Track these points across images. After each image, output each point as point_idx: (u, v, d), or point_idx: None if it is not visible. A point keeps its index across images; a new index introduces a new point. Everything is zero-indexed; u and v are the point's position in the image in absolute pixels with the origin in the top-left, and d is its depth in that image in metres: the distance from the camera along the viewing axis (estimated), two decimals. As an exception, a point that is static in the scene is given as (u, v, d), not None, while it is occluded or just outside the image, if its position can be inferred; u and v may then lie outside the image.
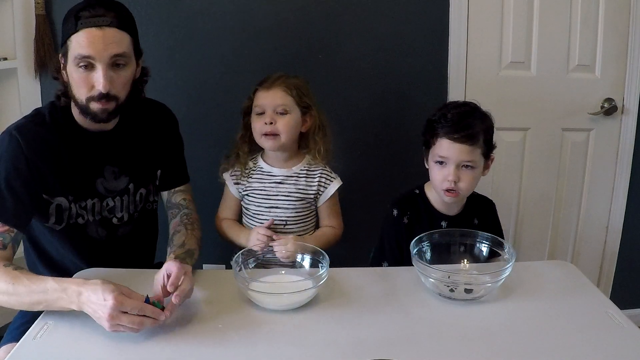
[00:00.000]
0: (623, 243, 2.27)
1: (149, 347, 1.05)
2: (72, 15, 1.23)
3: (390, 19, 2.00)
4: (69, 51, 1.24)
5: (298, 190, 1.58)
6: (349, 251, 1.65)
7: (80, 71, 1.23)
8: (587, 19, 2.02)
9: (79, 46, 1.21)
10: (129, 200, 1.42)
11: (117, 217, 1.41)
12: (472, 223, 1.53)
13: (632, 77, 2.07)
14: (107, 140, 1.36)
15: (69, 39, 1.23)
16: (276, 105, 1.50)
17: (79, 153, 1.33)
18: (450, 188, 1.42)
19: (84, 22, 1.21)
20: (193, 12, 1.96)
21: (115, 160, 1.38)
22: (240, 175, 1.60)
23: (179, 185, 1.55)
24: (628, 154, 2.16)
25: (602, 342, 1.07)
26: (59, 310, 1.12)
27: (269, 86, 1.52)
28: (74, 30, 1.22)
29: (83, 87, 1.25)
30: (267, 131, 1.51)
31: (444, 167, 1.42)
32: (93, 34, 1.21)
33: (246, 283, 1.20)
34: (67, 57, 1.25)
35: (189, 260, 1.30)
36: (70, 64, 1.25)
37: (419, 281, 1.27)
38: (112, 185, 1.38)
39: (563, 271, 1.38)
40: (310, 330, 1.12)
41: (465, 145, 1.39)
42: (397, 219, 1.52)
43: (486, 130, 1.43)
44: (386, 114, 2.09)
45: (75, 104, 1.29)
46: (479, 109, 1.46)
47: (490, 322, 1.14)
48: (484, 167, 1.47)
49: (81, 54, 1.22)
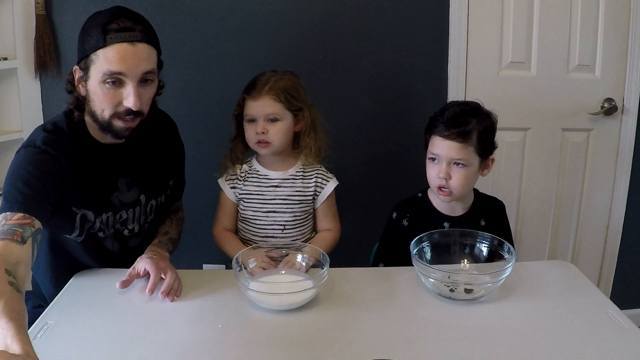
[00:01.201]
0: (623, 243, 2.27)
1: (149, 347, 1.05)
2: (97, 27, 1.17)
3: (390, 19, 2.00)
4: (92, 65, 1.19)
5: (296, 192, 1.57)
6: (349, 251, 1.65)
7: (106, 87, 1.19)
8: (587, 19, 2.02)
9: (108, 62, 1.16)
10: (140, 211, 1.41)
11: (129, 229, 1.40)
12: (478, 224, 1.51)
13: (632, 77, 2.07)
14: (120, 153, 1.34)
15: (95, 53, 1.17)
16: (266, 115, 1.49)
17: (96, 166, 1.30)
18: (442, 185, 1.42)
19: (114, 37, 1.16)
20: (193, 12, 1.96)
21: (127, 172, 1.36)
22: (235, 179, 1.60)
23: (182, 192, 1.56)
24: (628, 154, 2.16)
25: (602, 342, 1.07)
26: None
27: (257, 96, 1.48)
28: (102, 45, 1.16)
29: (108, 104, 1.21)
30: (259, 139, 1.50)
31: (436, 164, 1.43)
32: (125, 49, 1.16)
33: (246, 283, 1.20)
34: (89, 71, 1.20)
35: (170, 245, 1.42)
36: (94, 79, 1.20)
37: (419, 281, 1.27)
38: (125, 198, 1.36)
39: (563, 271, 1.38)
40: (310, 330, 1.12)
41: (456, 142, 1.39)
42: (395, 221, 1.52)
43: (484, 130, 1.41)
44: (386, 114, 2.09)
45: (95, 119, 1.25)
46: (480, 108, 1.45)
47: (490, 322, 1.14)
48: (483, 167, 1.46)
49: (111, 70, 1.17)
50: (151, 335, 1.08)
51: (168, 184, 1.49)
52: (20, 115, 1.96)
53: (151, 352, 1.04)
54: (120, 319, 1.15)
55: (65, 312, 1.15)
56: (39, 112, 1.99)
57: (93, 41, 1.17)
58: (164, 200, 1.48)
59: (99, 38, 1.16)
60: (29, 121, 1.95)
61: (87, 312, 1.16)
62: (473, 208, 1.52)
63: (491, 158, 1.47)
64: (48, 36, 1.91)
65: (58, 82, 1.98)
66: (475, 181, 1.48)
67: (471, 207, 1.52)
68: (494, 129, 1.46)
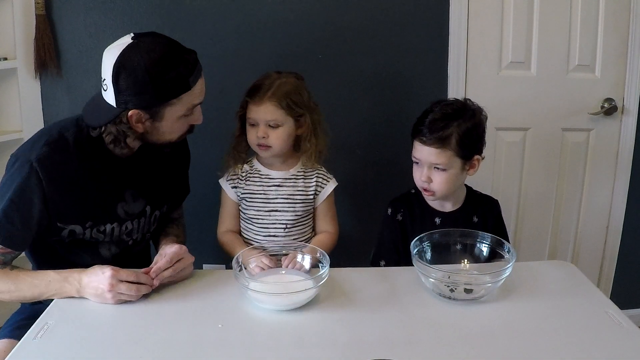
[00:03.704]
0: (623, 243, 2.27)
1: (148, 346, 1.05)
2: (179, 76, 1.22)
3: (390, 19, 2.00)
4: (176, 105, 1.24)
5: (297, 192, 1.58)
6: (349, 251, 1.65)
7: (184, 118, 1.29)
8: (587, 19, 2.02)
9: (195, 97, 1.27)
10: (145, 221, 1.42)
11: (133, 239, 1.41)
12: (470, 221, 1.53)
13: (632, 77, 2.07)
14: (130, 164, 1.35)
15: (180, 96, 1.24)
16: (267, 121, 1.49)
17: (102, 178, 1.31)
18: (424, 188, 1.46)
19: (196, 76, 1.25)
20: (193, 12, 1.96)
21: (134, 183, 1.37)
22: (237, 178, 1.60)
23: (184, 199, 1.56)
24: (628, 154, 2.16)
25: (602, 342, 1.07)
26: (61, 297, 1.19)
27: (259, 101, 1.48)
28: (187, 88, 1.23)
29: (183, 130, 1.33)
30: (260, 143, 1.51)
31: (419, 167, 1.47)
32: (203, 79, 1.29)
33: (246, 283, 1.20)
34: (169, 110, 1.24)
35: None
36: (177, 115, 1.26)
37: (419, 281, 1.27)
38: (131, 209, 1.37)
39: (563, 271, 1.38)
40: (310, 330, 1.12)
41: (433, 148, 1.41)
42: (391, 217, 1.54)
43: (464, 133, 1.41)
44: (386, 114, 2.09)
45: (147, 141, 1.31)
46: (465, 109, 1.44)
47: (490, 322, 1.14)
48: (468, 167, 1.47)
49: (195, 104, 1.28)
50: (151, 335, 1.08)
51: (172, 193, 1.50)
52: (20, 115, 1.96)
53: (151, 352, 1.04)
54: (121, 319, 1.15)
55: (65, 312, 1.15)
56: (39, 112, 1.99)
57: (179, 86, 1.23)
58: (167, 209, 1.49)
59: (184, 85, 1.23)
60: (29, 121, 1.95)
61: (87, 312, 1.16)
62: (465, 204, 1.54)
63: (476, 157, 1.47)
64: (48, 36, 1.91)
65: (58, 82, 1.98)
66: (461, 181, 1.50)
67: (463, 203, 1.54)
68: (480, 128, 1.46)
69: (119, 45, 1.19)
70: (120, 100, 1.20)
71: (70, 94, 1.98)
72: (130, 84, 1.18)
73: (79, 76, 1.97)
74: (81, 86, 1.97)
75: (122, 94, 1.19)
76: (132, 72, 1.17)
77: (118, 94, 1.19)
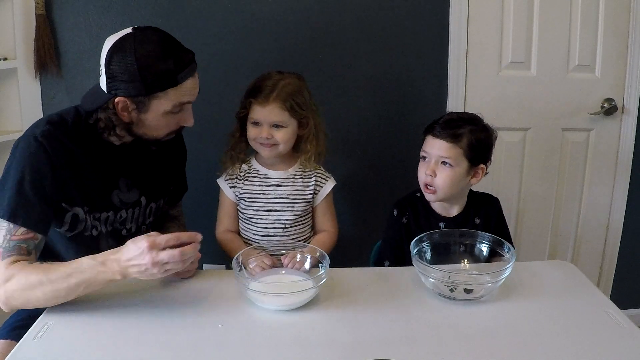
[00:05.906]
0: (623, 243, 2.27)
1: (149, 347, 1.05)
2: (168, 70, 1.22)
3: (390, 19, 2.00)
4: (162, 99, 1.24)
5: (296, 191, 1.58)
6: (349, 251, 1.65)
7: (171, 115, 1.28)
8: (587, 19, 2.02)
9: (183, 94, 1.27)
10: (139, 212, 1.42)
11: (127, 229, 1.41)
12: (473, 222, 1.53)
13: (632, 77, 2.07)
14: (124, 153, 1.36)
15: (166, 90, 1.24)
16: (272, 122, 1.49)
17: (98, 164, 1.31)
18: (428, 183, 1.46)
19: (186, 74, 1.25)
20: (193, 12, 1.96)
21: (128, 173, 1.38)
22: (235, 178, 1.60)
23: (182, 197, 1.56)
24: (628, 154, 2.16)
25: (602, 342, 1.07)
26: (101, 287, 1.15)
27: (264, 102, 1.48)
28: (175, 84, 1.24)
29: (170, 128, 1.32)
30: (264, 142, 1.51)
31: (426, 162, 1.48)
32: (195, 80, 1.30)
33: (246, 283, 1.20)
34: (156, 103, 1.24)
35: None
36: (164, 110, 1.26)
37: (419, 281, 1.27)
38: (126, 198, 1.38)
39: (563, 271, 1.38)
40: (310, 330, 1.12)
41: (445, 141, 1.44)
42: (396, 218, 1.54)
43: (476, 138, 1.45)
44: (386, 114, 2.09)
45: (138, 137, 1.31)
46: (478, 120, 1.50)
47: (490, 322, 1.14)
48: (472, 174, 1.48)
49: (183, 102, 1.28)
50: (151, 335, 1.08)
51: (169, 188, 1.49)
52: (20, 115, 1.96)
53: (151, 352, 1.04)
54: (120, 319, 1.14)
55: (65, 312, 1.15)
56: (39, 112, 1.99)
57: (166, 79, 1.23)
58: (164, 204, 1.49)
59: (171, 80, 1.23)
60: (29, 121, 1.92)
61: (87, 312, 1.16)
62: (467, 207, 1.55)
63: (481, 167, 1.49)
64: (48, 36, 1.91)
65: (58, 82, 1.98)
66: (462, 185, 1.49)
67: (465, 206, 1.55)
68: (489, 142, 1.49)
69: (118, 34, 1.23)
70: (110, 86, 1.22)
71: (70, 94, 1.99)
72: (120, 71, 1.20)
73: (79, 76, 1.98)
74: (81, 86, 1.97)
75: (112, 80, 1.22)
76: (123, 59, 1.20)
77: (108, 80, 1.22)
